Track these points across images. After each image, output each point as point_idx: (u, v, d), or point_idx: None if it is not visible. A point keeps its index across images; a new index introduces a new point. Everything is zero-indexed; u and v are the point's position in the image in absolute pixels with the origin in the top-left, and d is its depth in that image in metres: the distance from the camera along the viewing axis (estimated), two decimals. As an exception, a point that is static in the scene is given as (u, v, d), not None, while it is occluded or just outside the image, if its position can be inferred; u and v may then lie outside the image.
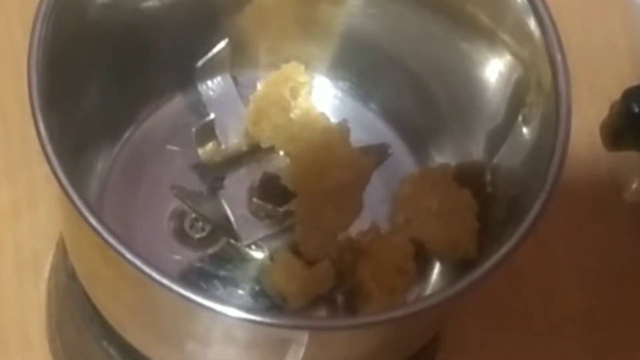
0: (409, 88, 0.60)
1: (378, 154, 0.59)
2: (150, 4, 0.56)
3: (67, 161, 0.46)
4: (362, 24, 0.59)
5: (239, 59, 0.60)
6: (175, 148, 0.59)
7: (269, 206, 0.56)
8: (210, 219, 0.57)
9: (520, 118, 0.53)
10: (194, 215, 0.58)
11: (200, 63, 0.59)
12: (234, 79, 0.60)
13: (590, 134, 0.73)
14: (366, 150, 0.58)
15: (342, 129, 0.56)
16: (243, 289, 0.56)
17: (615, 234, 0.73)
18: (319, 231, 0.55)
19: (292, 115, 0.58)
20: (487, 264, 0.46)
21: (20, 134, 0.70)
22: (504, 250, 0.46)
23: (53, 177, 0.45)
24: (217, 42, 0.59)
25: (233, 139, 0.59)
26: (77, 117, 0.53)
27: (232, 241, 0.57)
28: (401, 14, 0.58)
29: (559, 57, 0.50)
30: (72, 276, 0.62)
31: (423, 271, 0.56)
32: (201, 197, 0.58)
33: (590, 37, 0.78)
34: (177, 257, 0.57)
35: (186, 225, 0.58)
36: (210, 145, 0.59)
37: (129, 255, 0.44)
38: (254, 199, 0.57)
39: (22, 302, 0.68)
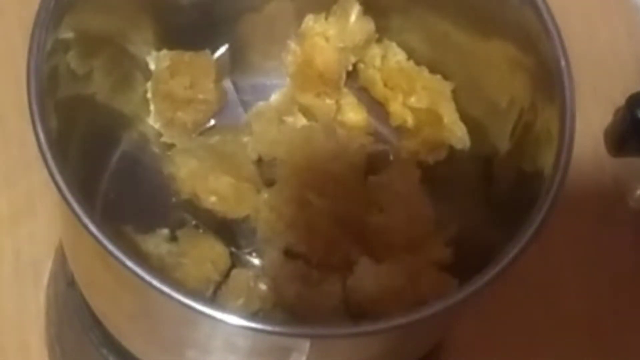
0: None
1: (378, 160, 0.59)
2: (153, 7, 0.56)
3: (66, 167, 0.45)
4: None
5: (239, 65, 0.60)
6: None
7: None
8: (210, 226, 0.57)
9: (523, 124, 0.53)
10: (194, 222, 0.57)
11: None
12: (234, 85, 0.60)
13: (594, 140, 0.73)
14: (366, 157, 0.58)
15: (326, 129, 0.57)
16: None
17: (619, 239, 0.73)
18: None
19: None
20: (491, 271, 0.46)
21: (19, 140, 0.70)
22: (507, 257, 0.46)
23: (52, 183, 0.45)
24: (218, 47, 0.60)
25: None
26: (76, 123, 0.53)
27: (232, 249, 0.57)
28: (404, 21, 0.58)
29: (563, 63, 0.50)
30: (71, 283, 0.61)
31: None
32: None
33: (595, 43, 0.78)
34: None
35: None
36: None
37: (128, 263, 0.43)
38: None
39: (21, 309, 0.68)
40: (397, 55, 0.59)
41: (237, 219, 0.56)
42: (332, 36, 0.58)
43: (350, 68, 0.59)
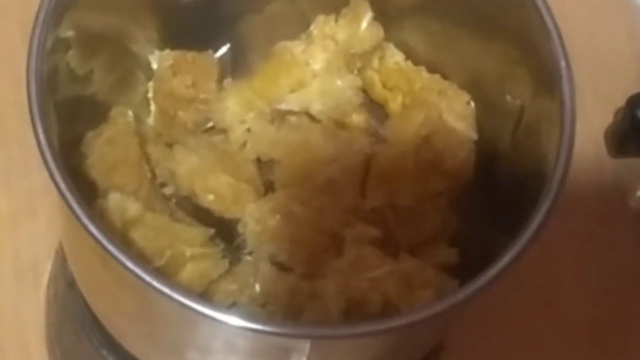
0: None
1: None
2: (156, 5, 0.56)
3: (67, 168, 0.45)
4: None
5: (240, 65, 0.60)
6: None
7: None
8: (208, 224, 0.57)
9: (524, 124, 0.53)
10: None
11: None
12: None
13: (594, 141, 0.73)
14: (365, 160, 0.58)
15: (325, 131, 0.56)
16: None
17: (619, 240, 0.73)
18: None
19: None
20: (491, 272, 0.46)
21: (19, 141, 0.70)
22: (507, 257, 0.46)
23: (52, 184, 0.45)
24: (220, 47, 0.60)
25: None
26: (76, 123, 0.53)
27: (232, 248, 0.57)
28: (405, 23, 0.59)
29: (563, 64, 0.50)
30: (71, 284, 0.61)
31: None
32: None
33: (595, 43, 0.78)
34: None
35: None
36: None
37: (128, 264, 0.43)
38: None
39: (21, 310, 0.68)
40: (395, 56, 0.59)
41: (235, 218, 0.56)
42: (342, 40, 0.58)
43: (355, 73, 0.59)
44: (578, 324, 0.71)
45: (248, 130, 0.57)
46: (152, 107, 0.58)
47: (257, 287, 0.54)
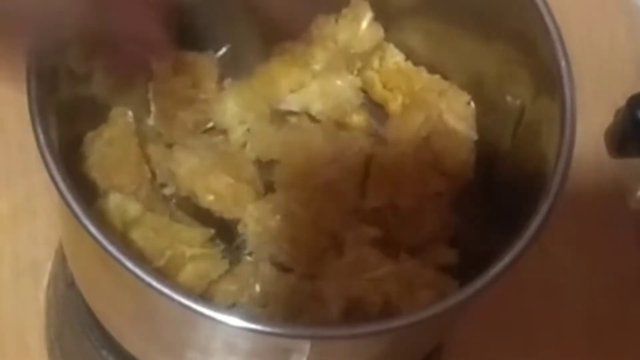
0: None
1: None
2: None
3: (67, 168, 0.45)
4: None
5: (240, 64, 0.60)
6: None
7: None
8: (208, 224, 0.57)
9: (524, 124, 0.53)
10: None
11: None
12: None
13: (595, 141, 0.73)
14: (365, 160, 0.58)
15: (326, 131, 0.56)
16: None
17: (619, 240, 0.73)
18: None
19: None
20: (491, 272, 0.46)
21: (19, 142, 0.70)
22: (507, 257, 0.46)
23: (52, 184, 0.45)
24: (220, 48, 0.60)
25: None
26: (76, 124, 0.53)
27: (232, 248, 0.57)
28: (405, 23, 0.59)
29: (563, 64, 0.50)
30: (71, 285, 0.61)
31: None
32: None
33: (595, 43, 0.78)
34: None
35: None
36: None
37: (128, 264, 0.43)
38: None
39: (20, 310, 0.67)
40: (396, 57, 0.59)
41: (236, 219, 0.56)
42: (342, 40, 0.58)
43: (355, 73, 0.59)
44: (578, 324, 0.71)
45: (248, 130, 0.57)
46: (152, 107, 0.58)
47: (257, 288, 0.54)
